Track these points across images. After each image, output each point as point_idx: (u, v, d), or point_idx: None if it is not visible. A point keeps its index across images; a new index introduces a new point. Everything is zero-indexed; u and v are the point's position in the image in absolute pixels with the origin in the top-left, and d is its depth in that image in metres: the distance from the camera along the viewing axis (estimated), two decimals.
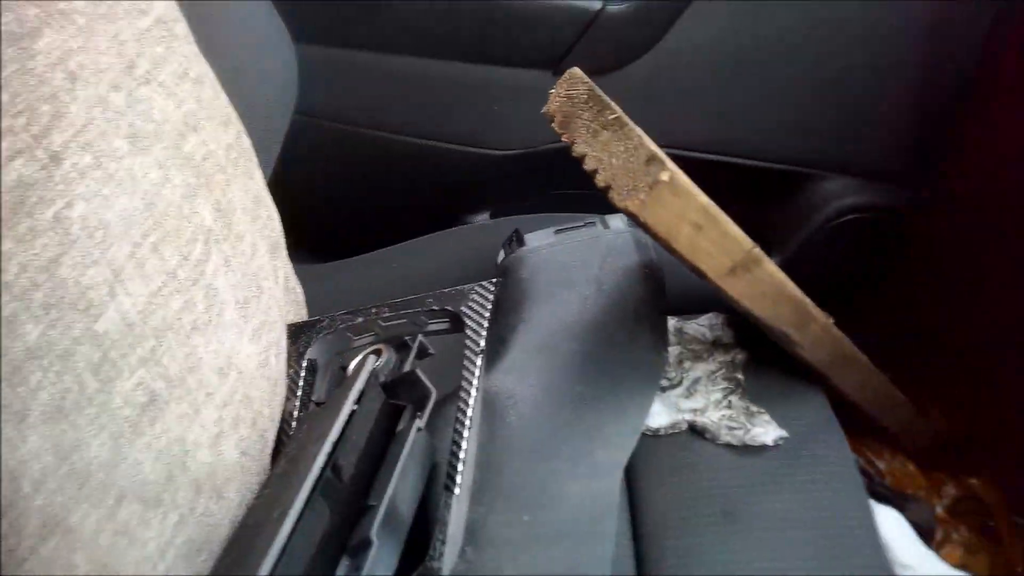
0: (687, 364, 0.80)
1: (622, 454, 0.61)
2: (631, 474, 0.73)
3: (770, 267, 0.68)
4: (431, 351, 0.60)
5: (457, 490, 0.53)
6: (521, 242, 0.78)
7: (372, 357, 0.59)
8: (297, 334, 0.69)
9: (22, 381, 0.36)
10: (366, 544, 0.44)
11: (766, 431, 0.73)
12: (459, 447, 0.54)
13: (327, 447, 0.46)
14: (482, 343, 0.60)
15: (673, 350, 0.81)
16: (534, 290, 0.75)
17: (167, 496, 0.43)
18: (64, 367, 0.37)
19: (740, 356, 0.81)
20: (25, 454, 0.36)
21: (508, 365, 0.68)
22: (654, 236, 0.62)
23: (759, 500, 0.68)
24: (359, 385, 0.51)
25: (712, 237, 0.62)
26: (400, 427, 0.54)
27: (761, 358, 0.79)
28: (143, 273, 0.43)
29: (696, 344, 0.82)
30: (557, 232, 0.79)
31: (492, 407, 0.65)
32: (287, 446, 0.59)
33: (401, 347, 0.62)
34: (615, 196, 0.60)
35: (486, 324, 0.61)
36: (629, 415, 0.65)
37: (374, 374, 0.55)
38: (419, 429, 0.51)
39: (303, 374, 0.62)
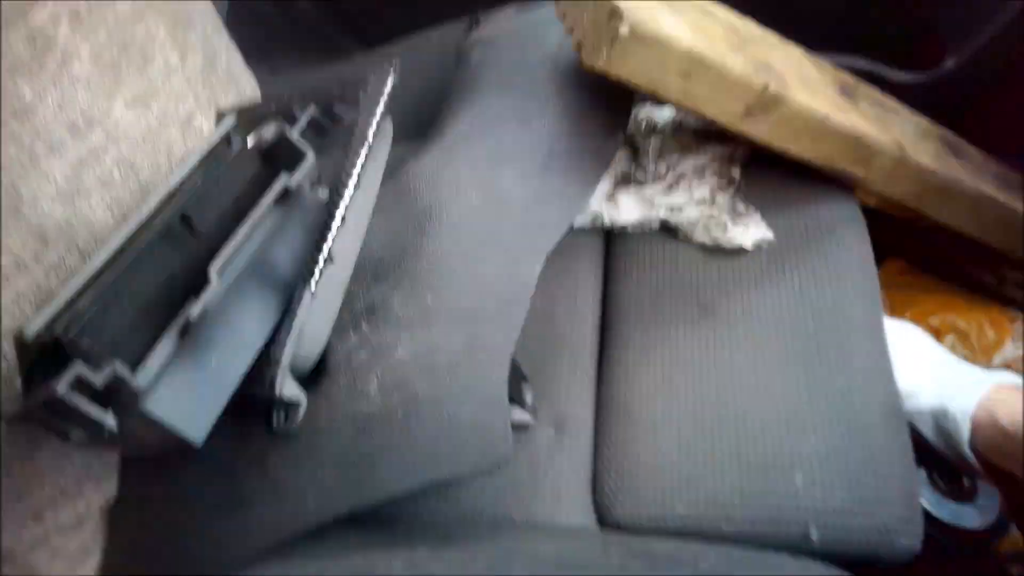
0: (674, 157, 0.69)
1: (547, 242, 0.54)
2: (606, 264, 0.67)
3: (799, 101, 0.57)
4: (327, 128, 0.54)
5: (315, 282, 0.48)
6: (478, 24, 0.69)
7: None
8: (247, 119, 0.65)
9: None
10: (202, 280, 0.41)
11: (746, 231, 0.62)
12: (331, 218, 0.49)
13: (162, 194, 0.43)
14: (372, 125, 0.53)
15: (654, 141, 0.70)
16: (483, 76, 0.67)
17: None
18: None
19: (741, 151, 0.69)
20: None
21: (438, 151, 0.61)
22: (637, 89, 0.55)
23: (745, 298, 0.59)
24: (214, 138, 0.47)
25: (708, 82, 0.54)
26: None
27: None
28: None
29: (689, 136, 0.71)
30: (518, 13, 0.69)
31: (413, 192, 0.59)
32: None
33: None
34: (583, 55, 0.54)
35: (379, 107, 0.54)
36: (563, 203, 0.57)
37: (258, 141, 0.50)
38: (286, 187, 0.47)
39: None
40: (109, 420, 0.37)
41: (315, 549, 0.45)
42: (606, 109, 0.61)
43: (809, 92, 0.58)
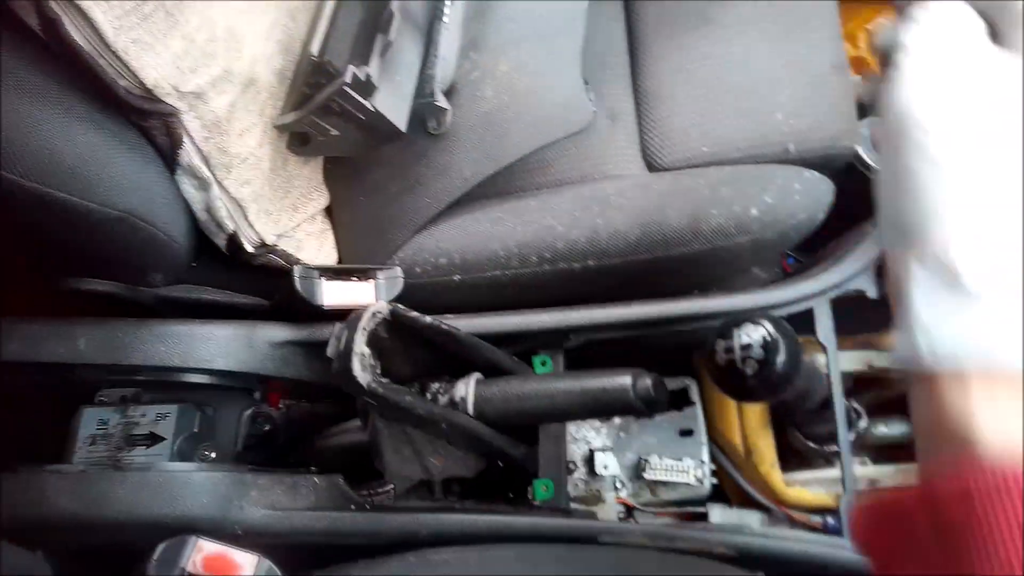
0: None
1: None
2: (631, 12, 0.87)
3: None
4: None
5: (446, 18, 0.69)
6: None
7: None
8: None
9: None
10: (388, 17, 0.62)
11: None
12: None
13: None
14: None
15: None
16: None
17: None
18: None
19: None
20: None
21: None
22: None
23: (734, 9, 0.80)
24: None
25: None
26: None
27: None
28: None
29: None
30: None
31: None
32: None
33: None
34: None
35: None
36: None
37: None
38: None
39: None
40: (368, 105, 0.59)
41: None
42: None
43: None
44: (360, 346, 0.55)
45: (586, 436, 0.81)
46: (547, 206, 0.73)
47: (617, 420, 0.81)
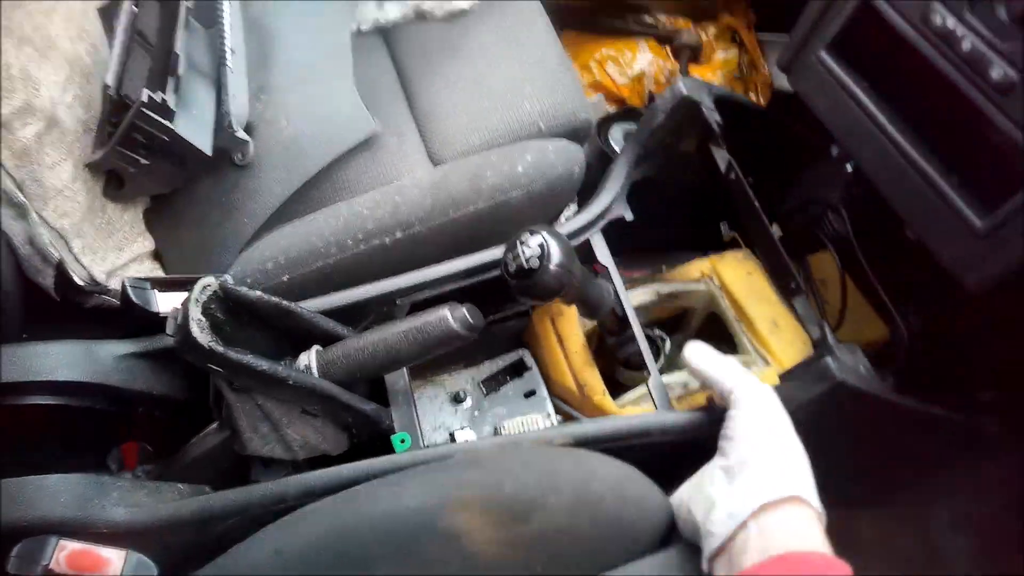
0: None
1: (346, 16, 0.91)
2: (391, 47, 1.03)
3: None
4: None
5: (229, 63, 0.81)
6: None
7: None
8: None
9: None
10: (174, 58, 0.73)
11: (462, 2, 1.04)
12: (223, 24, 0.82)
13: (124, 21, 0.73)
14: None
15: None
16: None
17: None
18: None
19: None
20: None
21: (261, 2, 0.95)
22: None
23: (476, 34, 1.00)
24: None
25: None
26: None
27: None
28: None
29: None
30: None
31: (258, 26, 0.93)
32: None
33: None
34: None
35: None
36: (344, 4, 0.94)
37: None
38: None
39: None
40: (168, 125, 0.69)
41: None
42: None
43: None
44: (196, 313, 0.61)
45: (444, 422, 0.89)
46: (352, 203, 0.84)
47: (468, 402, 0.90)
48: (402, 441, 0.74)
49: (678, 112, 0.87)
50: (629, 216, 0.86)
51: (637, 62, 1.31)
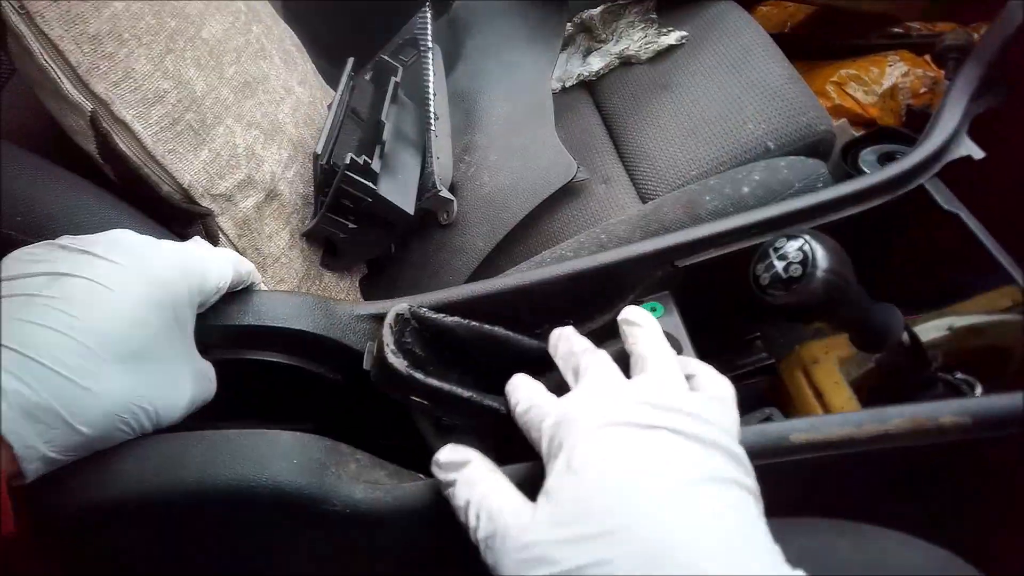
0: (611, 24, 1.04)
1: (546, 73, 0.88)
2: (595, 99, 0.99)
3: None
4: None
5: (434, 129, 0.82)
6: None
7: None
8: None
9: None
10: (380, 126, 0.74)
11: (670, 37, 0.96)
12: (428, 94, 0.83)
13: (338, 99, 0.77)
14: (428, 42, 0.88)
15: (597, 19, 1.05)
16: (474, 22, 1.04)
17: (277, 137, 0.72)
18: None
19: (652, 2, 1.04)
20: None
21: (464, 69, 0.97)
22: None
23: (683, 70, 0.91)
24: (345, 76, 0.81)
25: None
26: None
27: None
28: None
29: (616, 6, 1.06)
30: None
31: (461, 92, 0.94)
32: None
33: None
34: None
35: (429, 37, 0.89)
36: (542, 61, 0.92)
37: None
38: (395, 82, 0.81)
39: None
40: (371, 186, 0.69)
41: None
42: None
43: None
44: (390, 339, 0.53)
45: None
46: (556, 248, 0.77)
47: None
48: None
49: None
50: (978, 154, 0.66)
51: (887, 77, 1.11)
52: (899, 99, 1.10)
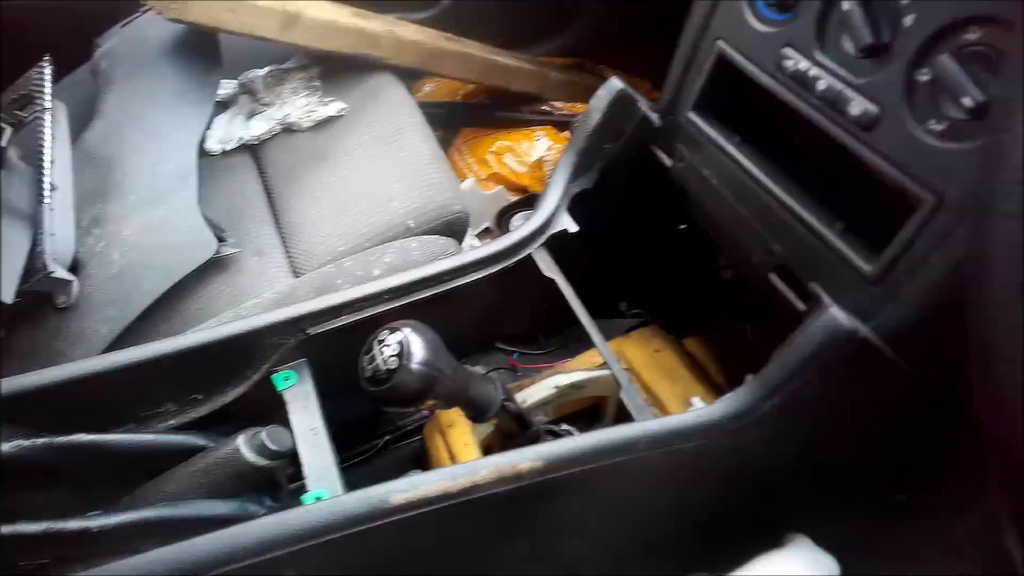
0: (275, 88, 1.04)
1: (193, 138, 0.85)
2: (256, 163, 0.98)
3: (313, 14, 0.93)
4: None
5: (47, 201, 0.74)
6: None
7: None
8: None
9: None
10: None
11: (330, 108, 0.99)
12: (44, 161, 0.75)
13: None
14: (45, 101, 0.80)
15: (260, 83, 1.04)
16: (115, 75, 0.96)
17: None
18: None
19: (316, 70, 1.06)
20: None
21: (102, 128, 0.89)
22: (209, 31, 0.86)
23: (343, 139, 0.94)
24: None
25: (248, 11, 0.88)
26: None
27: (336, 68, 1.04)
28: None
29: (280, 71, 1.06)
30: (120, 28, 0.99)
31: (95, 154, 0.86)
32: None
33: None
34: (164, 11, 0.83)
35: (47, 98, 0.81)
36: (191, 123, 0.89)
37: None
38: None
39: None
40: None
41: None
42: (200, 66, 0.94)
43: (320, 9, 0.96)
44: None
45: None
46: (201, 328, 0.74)
47: None
48: None
49: (616, 107, 0.79)
50: (573, 228, 0.77)
51: (535, 150, 1.27)
52: (544, 169, 1.26)
